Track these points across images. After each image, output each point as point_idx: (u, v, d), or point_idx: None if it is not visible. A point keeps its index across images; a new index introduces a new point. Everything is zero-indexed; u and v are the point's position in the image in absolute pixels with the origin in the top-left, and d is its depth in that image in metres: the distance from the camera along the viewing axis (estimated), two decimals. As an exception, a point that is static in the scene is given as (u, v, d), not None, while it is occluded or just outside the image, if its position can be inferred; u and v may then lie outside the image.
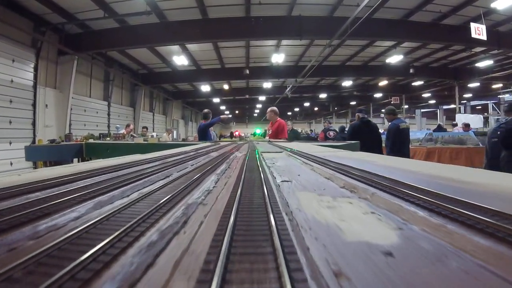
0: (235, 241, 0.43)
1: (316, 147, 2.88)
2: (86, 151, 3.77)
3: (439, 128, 10.66)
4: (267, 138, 5.79)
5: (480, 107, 23.21)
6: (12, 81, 8.39)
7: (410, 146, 6.58)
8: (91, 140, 4.44)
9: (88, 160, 3.76)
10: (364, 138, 4.33)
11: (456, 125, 12.99)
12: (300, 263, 0.35)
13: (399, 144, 4.69)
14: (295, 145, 2.96)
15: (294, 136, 6.98)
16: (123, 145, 3.97)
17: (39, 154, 4.05)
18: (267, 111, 6.01)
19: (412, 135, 8.42)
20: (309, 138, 11.70)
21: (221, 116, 6.39)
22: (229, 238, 0.42)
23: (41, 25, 9.01)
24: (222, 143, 3.75)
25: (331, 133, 7.38)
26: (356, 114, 5.38)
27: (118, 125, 11.35)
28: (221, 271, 0.32)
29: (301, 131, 18.43)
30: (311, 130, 24.55)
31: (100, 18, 8.65)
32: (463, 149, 6.21)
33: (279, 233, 0.44)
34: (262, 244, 0.42)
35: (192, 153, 2.03)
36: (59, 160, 3.70)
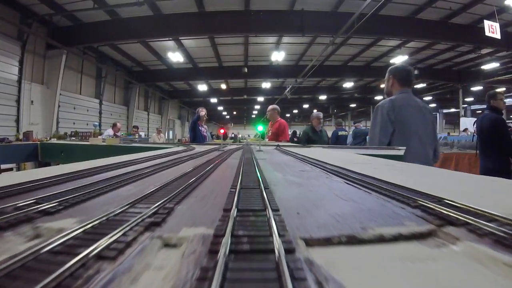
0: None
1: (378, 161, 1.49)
2: (41, 153, 3.17)
3: None
4: (266, 140, 5.27)
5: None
6: (-7, 74, 7.91)
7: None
8: (54, 140, 3.83)
9: (45, 165, 3.18)
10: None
11: (466, 129, 12.49)
12: None
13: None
14: (334, 157, 1.67)
15: (307, 138, 5.63)
16: (78, 147, 3.34)
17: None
18: (268, 109, 5.55)
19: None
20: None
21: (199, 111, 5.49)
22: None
23: (27, 16, 8.52)
24: (197, 150, 2.17)
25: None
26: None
27: (95, 123, 10.70)
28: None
29: (299, 133, 17.50)
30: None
31: (89, 9, 8.14)
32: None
33: None
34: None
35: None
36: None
